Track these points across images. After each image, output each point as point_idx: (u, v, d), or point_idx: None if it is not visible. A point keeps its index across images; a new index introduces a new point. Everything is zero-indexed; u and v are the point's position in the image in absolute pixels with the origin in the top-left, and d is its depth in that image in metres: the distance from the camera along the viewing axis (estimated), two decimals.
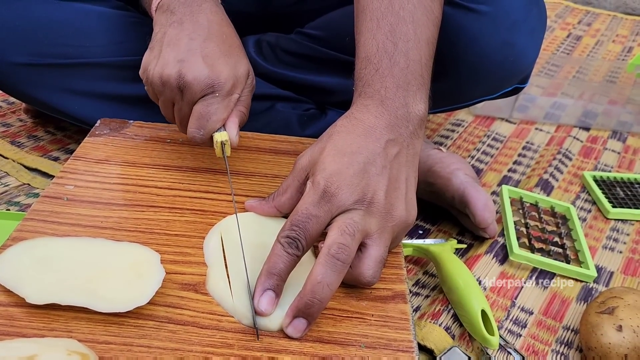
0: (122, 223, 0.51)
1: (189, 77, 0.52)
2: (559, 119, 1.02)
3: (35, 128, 0.88)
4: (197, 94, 0.53)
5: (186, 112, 0.54)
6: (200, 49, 0.53)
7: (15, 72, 0.69)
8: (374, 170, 0.47)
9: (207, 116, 0.53)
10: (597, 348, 0.54)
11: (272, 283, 0.44)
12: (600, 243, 0.75)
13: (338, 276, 0.43)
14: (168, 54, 0.53)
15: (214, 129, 0.54)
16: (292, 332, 0.43)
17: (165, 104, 0.56)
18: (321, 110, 0.82)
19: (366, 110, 0.50)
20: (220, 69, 0.53)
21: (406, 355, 0.43)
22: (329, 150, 0.48)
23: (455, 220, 0.75)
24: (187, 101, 0.54)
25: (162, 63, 0.53)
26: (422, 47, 0.52)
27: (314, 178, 0.47)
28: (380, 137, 0.48)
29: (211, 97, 0.53)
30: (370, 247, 0.46)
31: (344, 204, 0.45)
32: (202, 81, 0.52)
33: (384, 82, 0.50)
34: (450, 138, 0.96)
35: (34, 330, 0.41)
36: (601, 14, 1.59)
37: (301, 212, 0.45)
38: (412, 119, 0.50)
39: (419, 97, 0.51)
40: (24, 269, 0.44)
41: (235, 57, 0.55)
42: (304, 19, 0.82)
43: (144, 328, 0.42)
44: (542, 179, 0.84)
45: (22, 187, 0.76)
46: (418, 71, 0.51)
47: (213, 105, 0.53)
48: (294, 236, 0.44)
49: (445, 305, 0.61)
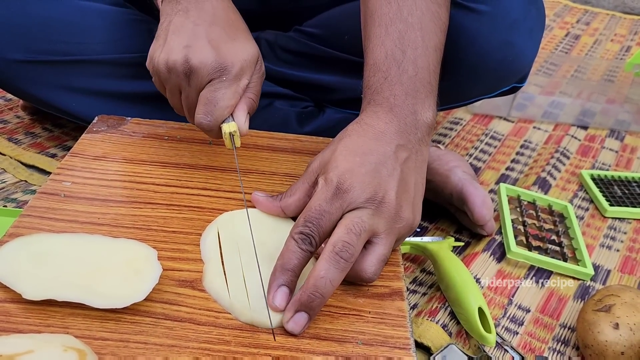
0: (120, 220, 0.51)
1: (194, 61, 0.51)
2: (557, 117, 1.02)
3: (32, 125, 0.88)
4: (204, 79, 0.51)
5: (193, 99, 0.53)
6: (206, 34, 0.52)
7: (12, 69, 0.69)
8: (385, 171, 0.47)
9: (214, 101, 0.51)
10: (593, 346, 0.54)
11: (287, 279, 0.44)
12: (598, 241, 0.75)
13: (341, 273, 0.44)
14: (173, 41, 0.52)
15: (223, 115, 0.52)
16: (293, 327, 0.43)
17: (172, 92, 0.54)
18: (319, 108, 0.82)
19: (376, 117, 0.50)
20: (227, 53, 0.52)
21: (403, 353, 0.43)
22: (340, 151, 0.48)
23: (453, 218, 0.75)
24: (194, 87, 0.52)
25: (168, 50, 0.52)
26: (430, 55, 0.52)
27: (327, 175, 0.47)
28: (390, 141, 0.49)
29: (218, 82, 0.51)
30: (376, 245, 0.46)
31: (356, 201, 0.46)
32: (208, 65, 0.51)
33: (393, 90, 0.51)
34: (448, 136, 0.96)
35: (30, 326, 0.41)
36: (600, 13, 1.59)
37: (314, 209, 0.45)
38: (420, 126, 0.51)
39: (427, 104, 0.51)
40: (20, 265, 0.44)
41: (243, 41, 0.54)
42: (302, 17, 0.82)
43: (141, 324, 0.42)
44: (540, 178, 0.84)
45: (19, 184, 0.76)
46: (426, 79, 0.51)
47: (220, 90, 0.51)
48: (308, 232, 0.45)
49: (442, 302, 0.61)
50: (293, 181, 0.59)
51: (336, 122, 0.80)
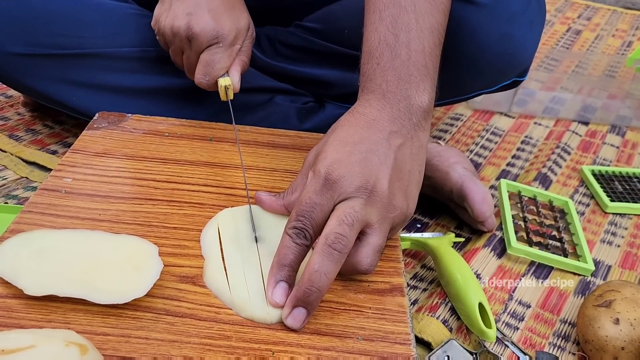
0: (120, 216, 0.51)
1: (196, 28, 0.59)
2: (558, 113, 1.02)
3: (33, 121, 0.88)
4: (204, 44, 0.60)
5: (194, 60, 0.62)
6: (207, 3, 0.60)
7: (12, 63, 0.69)
8: (377, 159, 0.47)
9: (212, 64, 0.60)
10: (594, 341, 0.54)
11: (284, 274, 0.44)
12: (599, 237, 0.75)
13: (335, 265, 0.43)
14: (177, 7, 0.60)
15: (218, 75, 0.61)
16: (292, 323, 0.43)
17: (175, 52, 0.64)
18: (320, 103, 0.81)
19: (368, 105, 0.50)
20: (224, 22, 0.60)
21: (403, 348, 0.43)
22: (331, 141, 0.48)
23: (454, 214, 0.75)
24: (195, 50, 0.61)
25: (172, 15, 0.61)
26: (425, 36, 0.51)
27: (315, 167, 0.47)
28: (382, 128, 0.48)
29: (216, 47, 0.60)
30: (370, 236, 0.46)
31: (346, 191, 0.45)
32: (208, 32, 0.59)
33: (385, 76, 0.50)
34: (449, 132, 0.96)
35: (31, 321, 0.41)
36: (601, 8, 1.58)
37: (305, 202, 0.45)
38: (415, 111, 0.50)
39: (422, 88, 0.50)
40: (21, 261, 0.44)
41: (238, 12, 0.62)
42: (302, 12, 0.82)
43: (142, 320, 0.42)
44: (541, 173, 0.84)
45: (20, 181, 0.76)
46: (421, 62, 0.51)
47: (217, 54, 0.60)
48: (301, 226, 0.45)
49: (442, 298, 0.61)
50: (293, 177, 0.59)
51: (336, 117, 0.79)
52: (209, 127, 0.65)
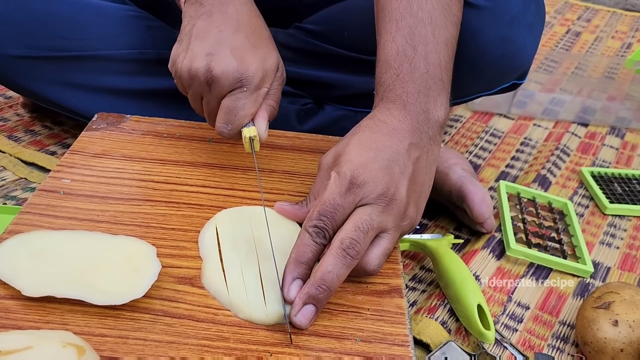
0: (119, 217, 0.51)
1: (217, 71, 0.51)
2: (557, 114, 1.02)
3: (32, 122, 0.88)
4: (226, 89, 0.52)
5: (214, 106, 0.54)
6: (229, 42, 0.52)
7: (11, 65, 0.69)
8: (398, 168, 0.48)
9: (235, 111, 0.52)
10: (593, 343, 0.54)
11: (301, 272, 0.44)
12: (598, 239, 0.75)
13: (347, 269, 0.44)
14: (196, 47, 0.52)
15: (242, 124, 0.53)
16: (301, 320, 0.43)
17: (193, 97, 0.55)
18: (319, 105, 0.82)
19: (389, 114, 0.50)
20: (249, 62, 0.52)
21: (402, 350, 0.43)
22: (354, 145, 0.49)
23: (453, 215, 0.75)
24: (215, 95, 0.53)
25: (191, 56, 0.52)
26: (441, 50, 0.52)
27: (340, 168, 0.47)
28: (403, 139, 0.49)
29: (239, 92, 0.52)
30: (382, 239, 0.47)
31: (368, 197, 0.46)
32: (230, 75, 0.51)
33: (405, 88, 0.51)
34: (448, 133, 0.96)
35: (29, 322, 0.41)
36: (600, 10, 1.58)
37: (329, 202, 0.45)
38: (432, 124, 0.51)
39: (439, 102, 0.51)
40: (19, 262, 0.44)
41: (265, 49, 0.54)
42: (302, 14, 0.82)
43: (140, 321, 0.42)
44: (540, 175, 0.84)
45: (19, 182, 0.76)
46: (438, 75, 0.51)
47: (241, 100, 0.52)
48: (322, 226, 0.45)
49: (441, 300, 0.61)
50: (292, 179, 0.59)
51: (336, 119, 0.80)
52: (208, 128, 0.65)
